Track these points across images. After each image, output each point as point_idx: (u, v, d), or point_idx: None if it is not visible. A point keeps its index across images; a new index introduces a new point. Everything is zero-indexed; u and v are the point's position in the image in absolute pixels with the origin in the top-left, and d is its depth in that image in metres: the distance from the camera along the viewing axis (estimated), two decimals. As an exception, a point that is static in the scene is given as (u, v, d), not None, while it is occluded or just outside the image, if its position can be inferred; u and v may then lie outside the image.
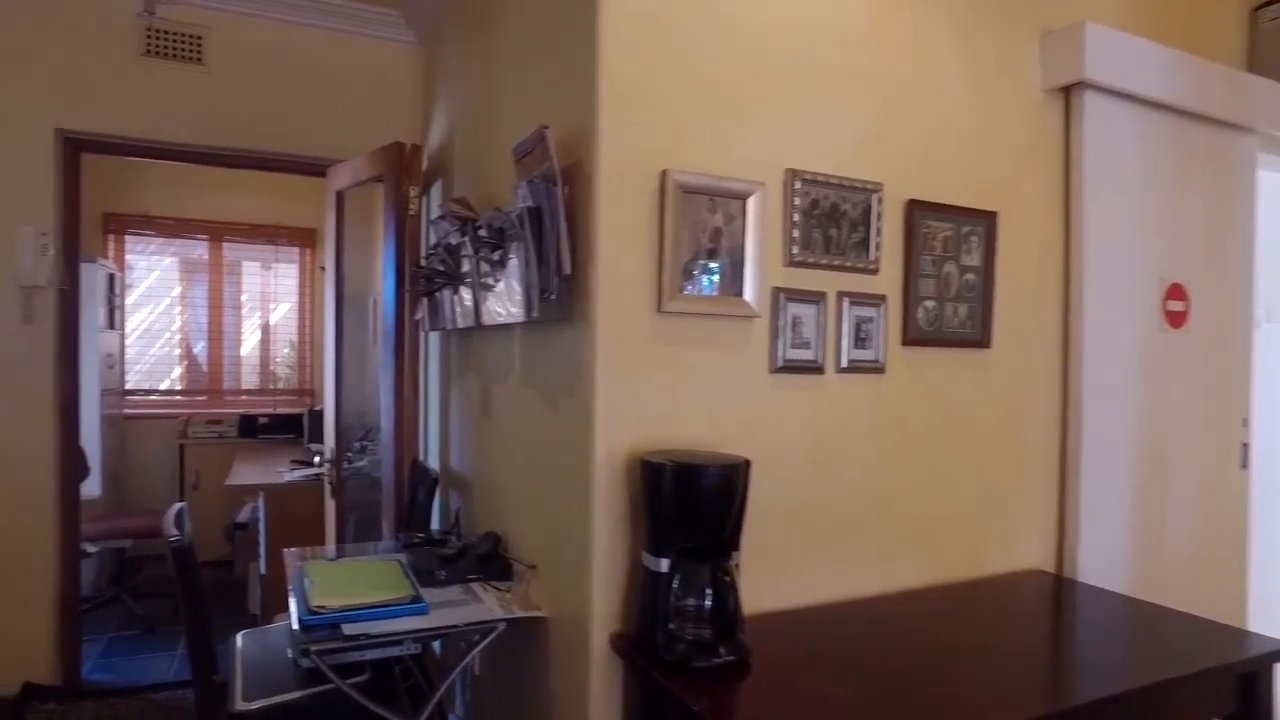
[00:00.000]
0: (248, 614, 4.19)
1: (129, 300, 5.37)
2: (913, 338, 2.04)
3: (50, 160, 3.19)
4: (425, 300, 2.79)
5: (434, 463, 3.10)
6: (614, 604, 1.70)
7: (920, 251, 2.03)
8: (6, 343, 3.13)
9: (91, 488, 4.29)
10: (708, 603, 1.57)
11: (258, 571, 4.07)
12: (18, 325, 3.14)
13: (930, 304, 2.06)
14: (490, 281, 2.08)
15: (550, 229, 1.68)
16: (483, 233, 1.96)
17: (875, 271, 1.98)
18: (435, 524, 2.91)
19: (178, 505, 2.05)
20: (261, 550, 3.86)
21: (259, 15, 3.44)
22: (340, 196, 3.39)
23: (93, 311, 4.41)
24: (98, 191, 4.79)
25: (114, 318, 4.97)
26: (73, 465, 3.41)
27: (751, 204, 1.78)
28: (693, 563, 1.57)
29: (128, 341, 5.36)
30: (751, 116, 1.81)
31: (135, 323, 5.45)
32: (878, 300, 1.98)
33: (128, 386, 5.36)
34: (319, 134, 3.52)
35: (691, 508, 1.54)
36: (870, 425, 1.99)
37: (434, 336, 3.12)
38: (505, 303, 1.96)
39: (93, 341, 4.41)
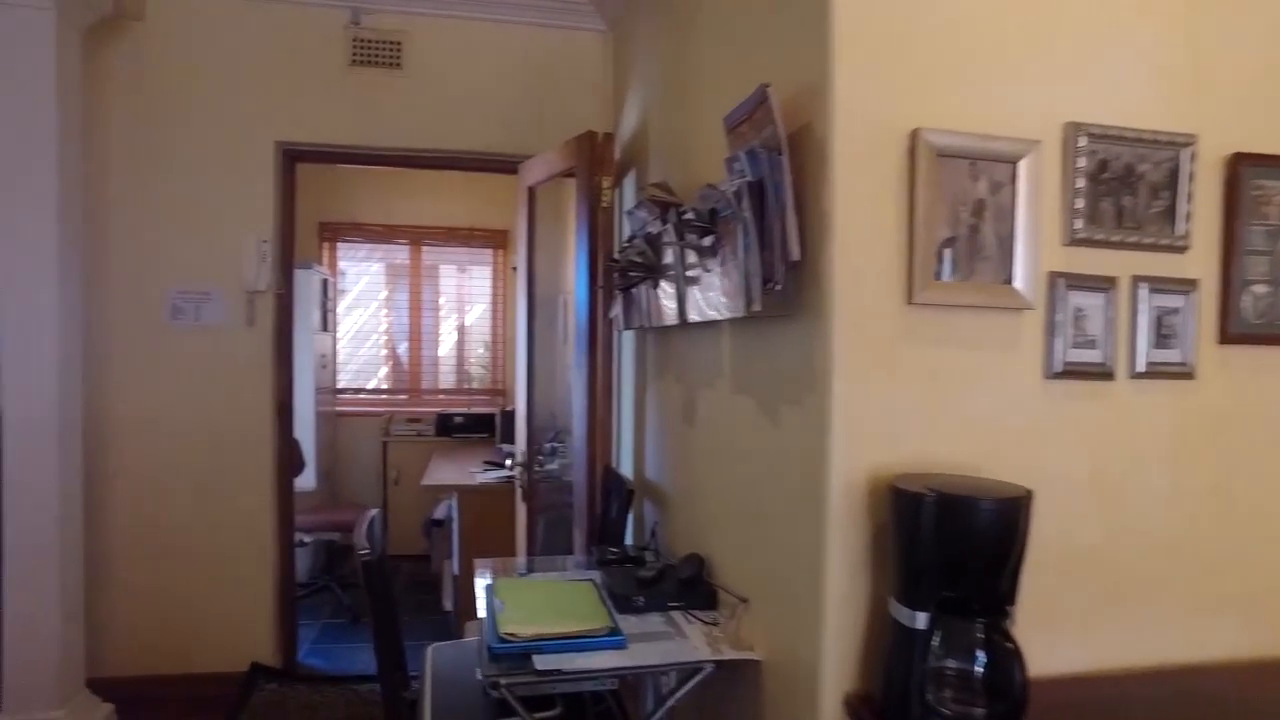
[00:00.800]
0: (441, 610, 4.26)
1: (341, 304, 5.70)
2: (1235, 334, 1.58)
3: (270, 171, 3.34)
4: (620, 297, 2.62)
5: (627, 470, 2.93)
6: (849, 657, 1.40)
7: (1248, 221, 1.57)
8: (232, 345, 3.30)
9: (306, 480, 4.54)
10: (978, 669, 1.24)
11: (451, 570, 4.11)
12: (242, 328, 3.31)
13: (1261, 289, 1.59)
14: (697, 273, 1.85)
15: (774, 206, 1.41)
16: (689, 216, 1.73)
17: (1183, 249, 1.54)
18: (629, 538, 2.73)
19: (369, 514, 1.98)
20: (454, 550, 3.88)
21: (452, 15, 3.44)
22: (532, 193, 3.31)
23: (308, 314, 4.68)
24: (314, 202, 5.10)
25: (327, 320, 5.27)
26: (289, 459, 3.57)
27: (1023, 168, 1.42)
28: (959, 619, 1.25)
29: (339, 343, 5.68)
30: (1021, 58, 1.45)
31: (347, 325, 5.77)
32: (1186, 286, 1.55)
33: (339, 385, 5.68)
34: (511, 130, 3.47)
35: (959, 550, 1.22)
36: (1175, 447, 1.56)
37: (628, 335, 2.95)
38: (715, 296, 1.72)
39: (308, 343, 4.67)
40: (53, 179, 2.81)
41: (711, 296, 1.76)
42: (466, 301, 5.99)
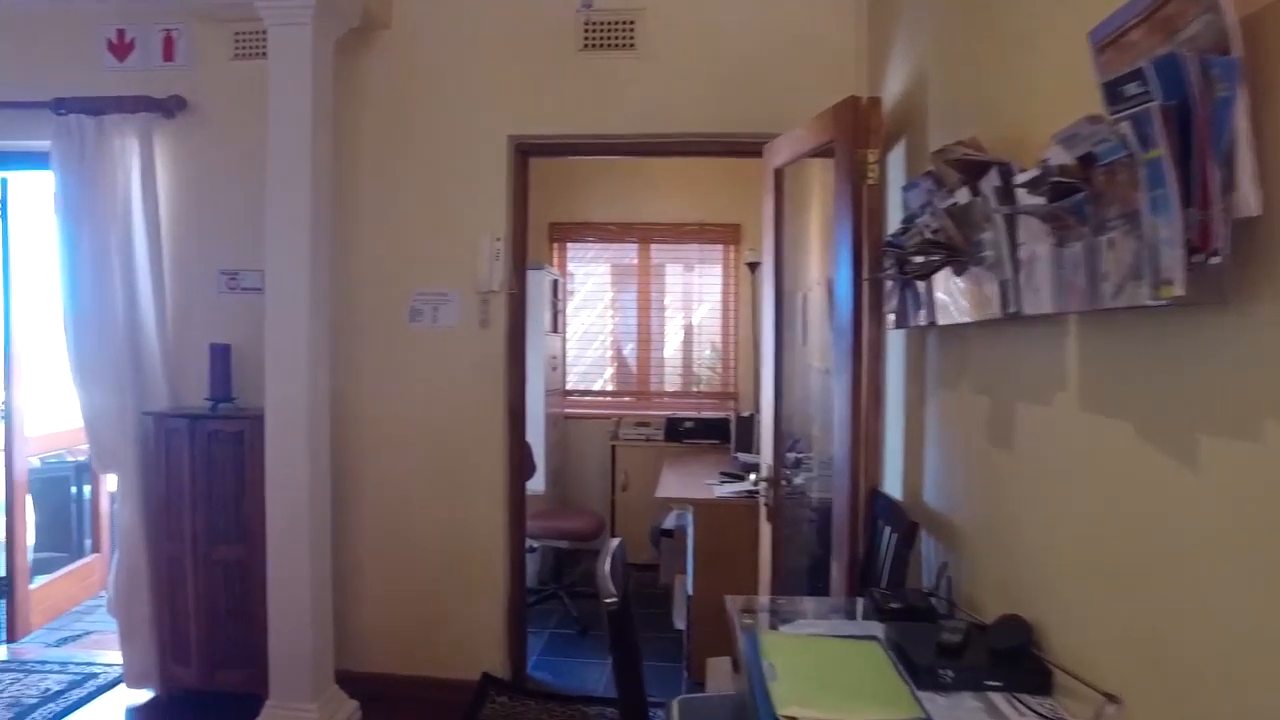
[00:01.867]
0: (672, 628, 4.00)
1: (570, 305, 5.67)
2: None
3: (503, 167, 3.24)
4: (896, 290, 2.18)
5: (893, 492, 2.47)
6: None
7: None
8: (466, 347, 3.24)
9: (536, 484, 4.49)
10: None
11: (684, 586, 3.84)
12: (475, 330, 3.24)
13: None
14: (1028, 252, 1.39)
15: (1213, 138, 0.93)
16: (1033, 175, 1.27)
17: None
18: (888, 572, 2.27)
19: (613, 545, 1.71)
20: (689, 568, 3.60)
21: (690, -14, 3.16)
22: (779, 175, 2.94)
23: (539, 315, 4.63)
24: (545, 203, 5.07)
25: (557, 321, 5.23)
26: (520, 463, 3.47)
27: None
28: None
29: (568, 344, 5.65)
30: None
31: (574, 327, 5.74)
32: None
33: (567, 388, 5.65)
34: (753, 108, 3.12)
35: None
36: None
37: (895, 336, 2.49)
38: (1068, 276, 1.25)
39: (539, 344, 4.63)
40: (305, 186, 2.86)
41: (1056, 281, 1.29)
42: (694, 301, 5.75)
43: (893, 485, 2.52)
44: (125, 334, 3.24)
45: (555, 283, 5.15)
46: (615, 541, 1.75)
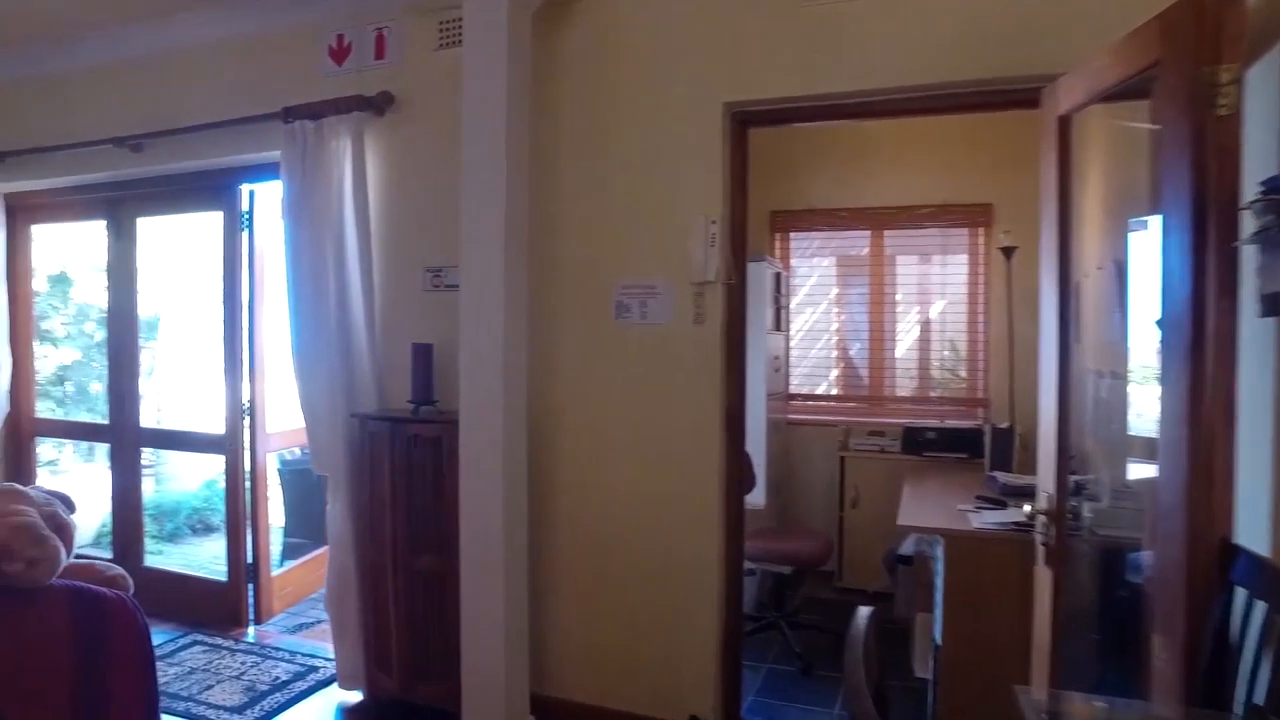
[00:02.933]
0: (911, 676, 3.39)
1: (792, 301, 5.17)
2: None
3: (719, 140, 2.84)
4: (1273, 260, 1.50)
5: (1255, 545, 1.75)
6: None
7: None
8: (678, 345, 2.88)
9: (755, 498, 4.05)
10: None
11: (929, 629, 3.23)
12: (688, 326, 2.86)
13: None
14: None
15: None
16: None
17: None
18: (1271, 676, 1.57)
19: (862, 620, 1.23)
20: (937, 612, 2.99)
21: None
22: (1064, 125, 2.28)
23: (760, 311, 4.20)
24: (765, 189, 4.62)
25: (779, 319, 4.76)
26: (739, 476, 3.05)
27: None
28: None
29: (791, 344, 5.15)
30: None
31: (798, 324, 5.23)
32: None
33: (790, 391, 5.15)
34: (1022, 45, 2.48)
35: None
36: None
37: (1258, 327, 1.77)
38: None
39: (760, 343, 4.20)
40: (499, 172, 2.66)
41: None
42: (931, 294, 5.02)
43: (1252, 536, 1.79)
44: (337, 334, 3.24)
45: (777, 276, 4.68)
46: (864, 614, 1.27)
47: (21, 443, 4.83)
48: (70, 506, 2.05)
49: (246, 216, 3.95)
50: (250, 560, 4.06)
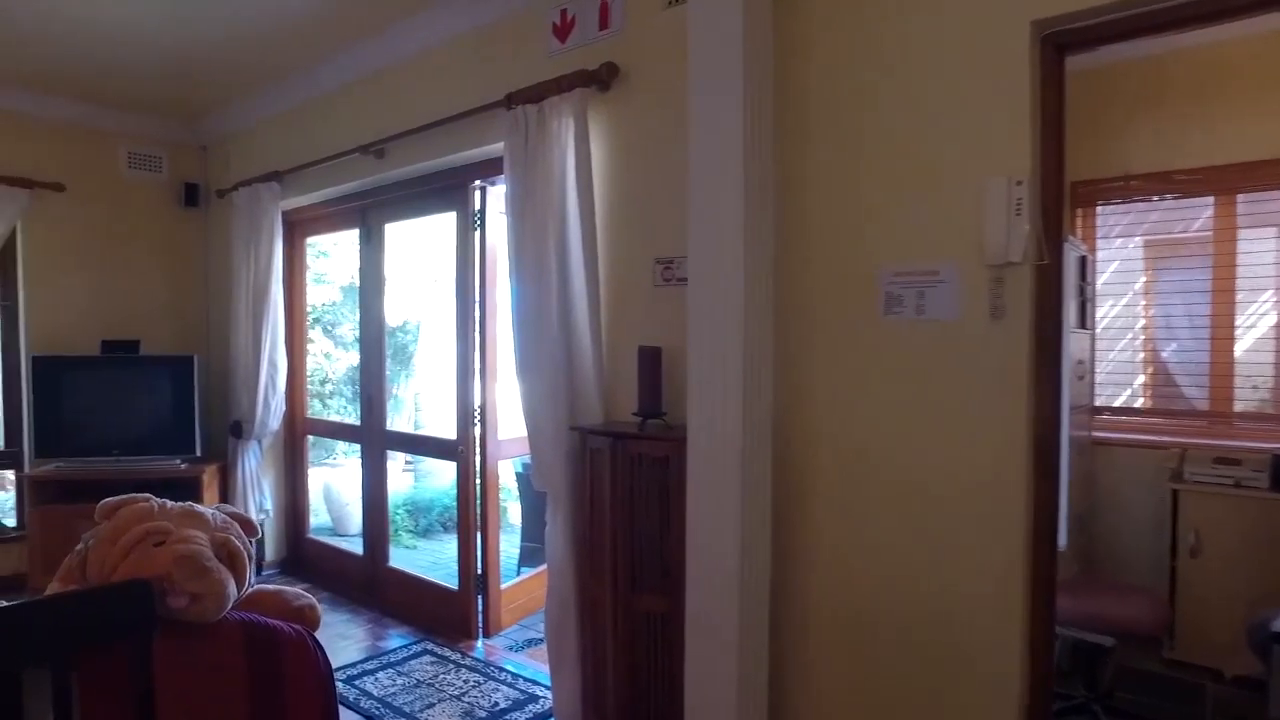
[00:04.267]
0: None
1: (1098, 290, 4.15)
2: None
3: (1025, 74, 2.12)
4: None
5: None
6: None
7: None
8: (969, 348, 2.19)
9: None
10: None
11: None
12: (982, 323, 2.17)
13: None
14: None
15: None
16: None
17: None
18: None
19: None
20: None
21: None
22: None
23: (1063, 305, 3.32)
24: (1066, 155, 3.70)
25: (1084, 313, 3.81)
26: (1050, 519, 2.30)
27: None
28: None
29: (1096, 343, 4.14)
30: None
31: (1102, 319, 4.20)
32: None
33: (1097, 403, 4.14)
34: None
35: None
36: None
37: None
38: None
39: (1065, 344, 3.32)
40: (735, 137, 2.15)
41: None
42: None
43: None
44: (559, 336, 2.92)
45: (1082, 260, 3.74)
46: None
47: (296, 440, 5.16)
48: (252, 530, 1.86)
49: (478, 216, 3.81)
50: (480, 571, 3.92)
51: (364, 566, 4.57)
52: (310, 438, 5.29)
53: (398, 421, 8.25)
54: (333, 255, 7.54)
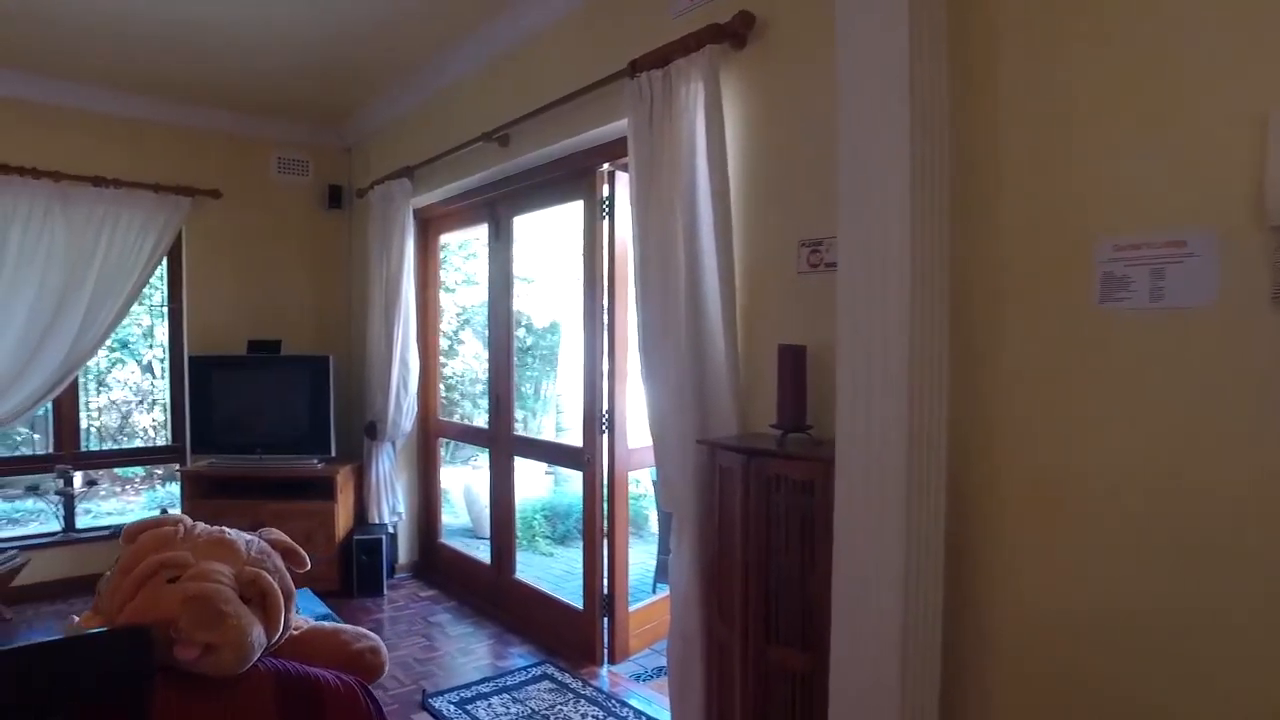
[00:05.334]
0: None
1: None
2: None
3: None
4: None
5: None
6: None
7: None
8: (1234, 348, 1.59)
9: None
10: None
11: None
12: (1258, 311, 1.57)
13: None
14: None
15: None
16: None
17: None
18: None
19: None
20: None
21: None
22: None
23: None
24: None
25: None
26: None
27: None
28: None
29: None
30: None
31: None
32: None
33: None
34: None
35: None
36: None
37: None
38: None
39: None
40: (900, 86, 1.68)
41: None
42: None
43: None
44: (688, 333, 2.54)
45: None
46: None
47: (428, 442, 5.08)
48: (299, 561, 1.60)
49: (606, 203, 3.49)
50: (606, 591, 3.60)
51: (490, 576, 4.37)
52: (448, 440, 5.19)
53: (543, 425, 8.16)
54: (482, 256, 7.58)
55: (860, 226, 1.82)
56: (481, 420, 7.23)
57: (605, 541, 3.60)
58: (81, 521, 4.86)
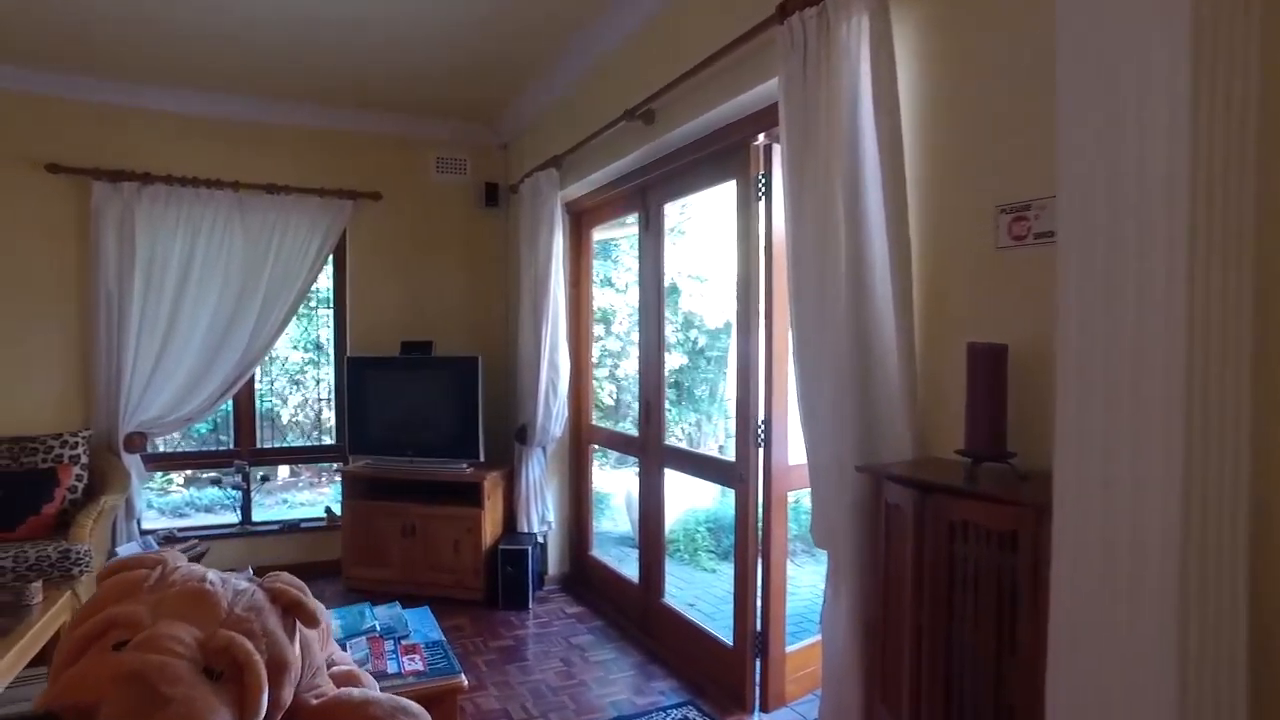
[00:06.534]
0: None
1: None
2: None
3: None
4: None
5: None
6: None
7: None
8: None
9: None
10: None
11: None
12: None
13: None
14: None
15: None
16: None
17: None
18: None
19: None
20: None
21: None
22: None
23: None
24: None
25: None
26: None
27: None
28: None
29: None
30: None
31: None
32: None
33: None
34: None
35: None
36: None
37: None
38: None
39: None
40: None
41: None
42: None
43: None
44: (849, 329, 2.03)
45: None
46: None
47: (580, 449, 4.82)
48: (310, 620, 1.27)
49: (761, 181, 3.03)
50: (759, 629, 3.12)
51: (638, 596, 4.02)
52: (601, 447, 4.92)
53: (716, 429, 7.75)
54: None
55: (1099, 184, 1.25)
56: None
57: (760, 571, 3.13)
58: (257, 514, 5.05)
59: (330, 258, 4.96)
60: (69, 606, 3.16)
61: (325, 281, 5.15)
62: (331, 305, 5.16)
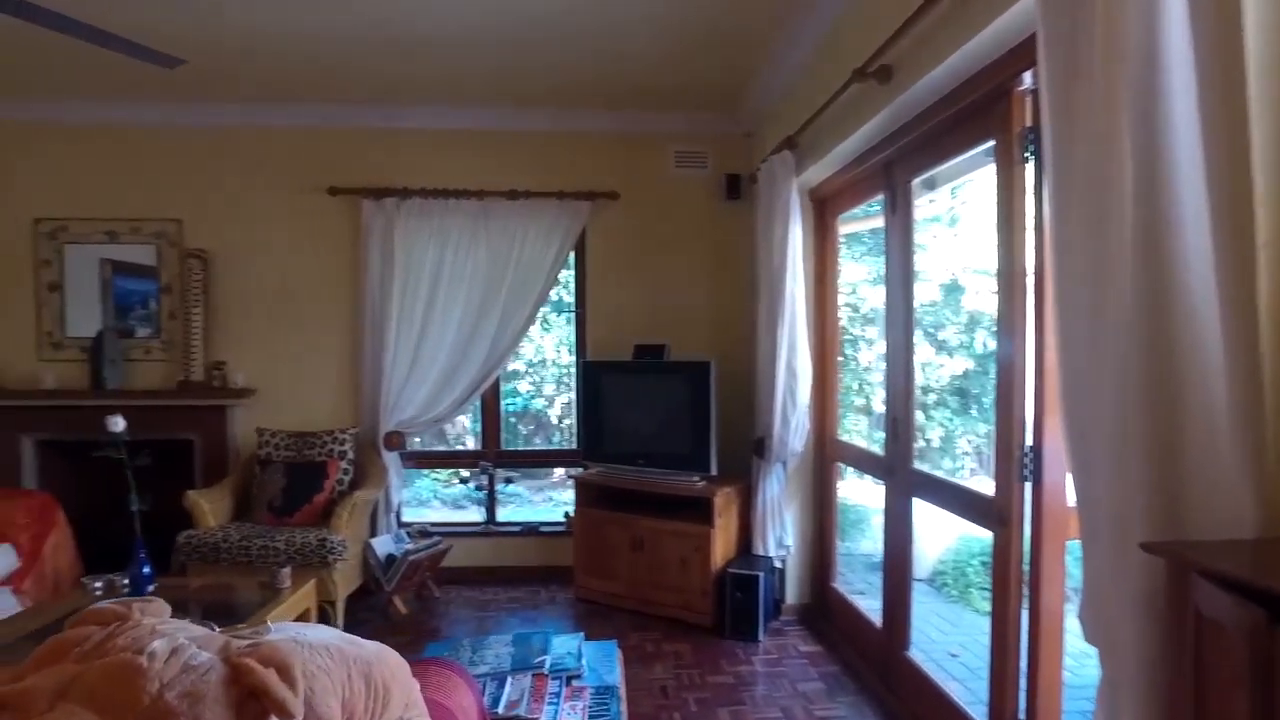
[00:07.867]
0: None
1: None
2: None
3: None
4: None
5: None
6: None
7: None
8: None
9: None
10: None
11: None
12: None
13: None
14: None
15: None
16: None
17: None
18: None
19: None
20: None
21: None
22: None
23: None
24: None
25: None
26: None
27: None
28: None
29: None
30: None
31: None
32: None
33: None
34: None
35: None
36: None
37: None
38: None
39: None
40: None
41: None
42: None
43: None
44: (1136, 335, 1.36)
45: None
46: None
47: (824, 466, 4.29)
48: (280, 712, 0.94)
49: (1028, 139, 2.34)
50: (1023, 714, 2.42)
51: (879, 642, 3.41)
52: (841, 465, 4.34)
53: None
54: (930, 248, 6.52)
55: None
56: (938, 432, 6.16)
57: (1025, 639, 2.43)
58: (502, 515, 5.17)
59: (572, 260, 4.94)
60: (312, 592, 3.38)
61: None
62: (573, 308, 5.15)
